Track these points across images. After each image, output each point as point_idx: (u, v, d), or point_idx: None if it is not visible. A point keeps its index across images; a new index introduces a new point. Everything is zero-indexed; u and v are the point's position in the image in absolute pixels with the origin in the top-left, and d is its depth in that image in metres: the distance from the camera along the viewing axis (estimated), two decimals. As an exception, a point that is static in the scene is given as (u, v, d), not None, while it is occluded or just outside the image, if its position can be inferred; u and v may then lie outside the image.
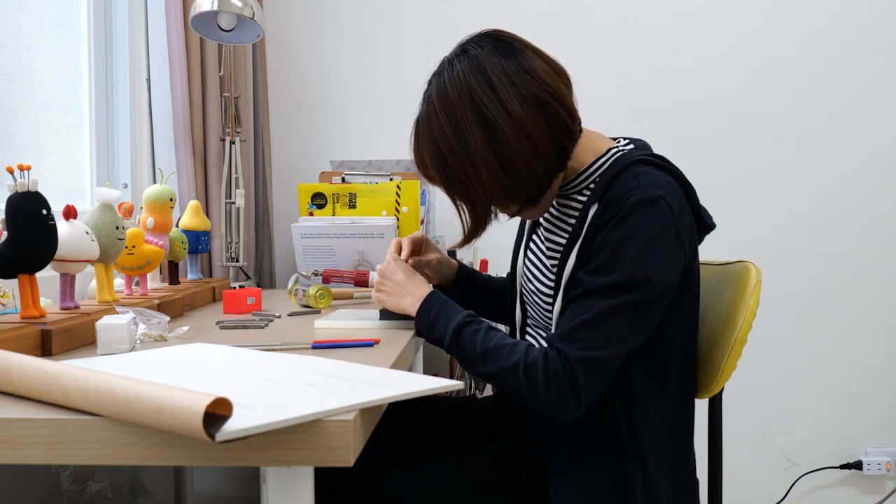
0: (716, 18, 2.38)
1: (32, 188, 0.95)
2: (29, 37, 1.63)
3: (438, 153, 1.07)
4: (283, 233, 2.37)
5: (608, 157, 1.11)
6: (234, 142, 1.99)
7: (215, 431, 0.58)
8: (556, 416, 1.00)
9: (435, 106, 1.06)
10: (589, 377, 0.98)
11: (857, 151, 2.37)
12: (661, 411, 1.09)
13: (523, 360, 1.00)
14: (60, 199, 1.68)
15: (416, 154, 1.12)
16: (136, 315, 1.04)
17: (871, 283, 2.38)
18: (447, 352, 1.08)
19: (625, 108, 2.38)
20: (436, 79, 1.09)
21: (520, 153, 1.03)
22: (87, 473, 1.50)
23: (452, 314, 1.09)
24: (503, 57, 1.04)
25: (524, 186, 1.07)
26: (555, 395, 0.98)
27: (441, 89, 1.06)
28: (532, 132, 1.03)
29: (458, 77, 1.05)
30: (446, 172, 1.08)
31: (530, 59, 1.05)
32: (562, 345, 0.99)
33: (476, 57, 1.05)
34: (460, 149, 1.04)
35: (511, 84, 1.03)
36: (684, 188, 1.08)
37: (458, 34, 1.13)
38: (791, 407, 2.41)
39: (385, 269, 1.20)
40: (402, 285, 1.17)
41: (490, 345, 1.03)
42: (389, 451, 1.27)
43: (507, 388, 1.02)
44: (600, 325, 0.99)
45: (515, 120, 1.02)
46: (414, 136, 1.12)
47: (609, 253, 1.00)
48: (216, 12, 1.79)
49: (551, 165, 1.07)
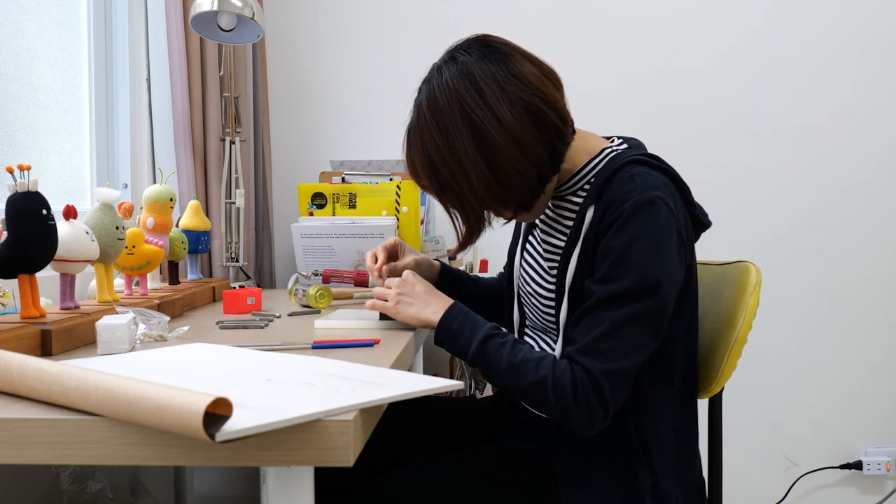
0: (716, 19, 2.37)
1: (32, 188, 0.95)
2: (29, 37, 1.63)
3: (430, 162, 1.07)
4: (283, 233, 2.37)
5: (602, 157, 1.11)
6: (234, 142, 1.99)
7: (215, 431, 0.58)
8: (584, 430, 1.00)
9: (425, 115, 1.06)
10: (614, 389, 0.98)
11: (857, 151, 2.36)
12: (667, 413, 1.09)
13: (552, 375, 1.00)
14: (60, 199, 1.68)
15: (408, 162, 1.11)
16: (136, 315, 1.04)
17: (872, 282, 2.38)
18: (470, 364, 1.08)
19: (625, 109, 2.38)
20: (425, 86, 1.08)
21: (510, 160, 1.03)
22: (87, 473, 1.50)
23: (478, 326, 1.08)
24: (492, 63, 1.04)
25: (516, 192, 1.06)
26: (583, 409, 0.98)
27: (430, 97, 1.06)
28: (522, 138, 1.02)
29: (446, 84, 1.04)
30: (438, 181, 1.08)
31: (519, 64, 1.04)
32: (583, 359, 0.99)
33: (465, 63, 1.04)
34: (451, 157, 1.04)
35: (500, 90, 1.02)
36: (678, 187, 1.08)
37: (459, 34, 1.12)
38: (791, 407, 2.41)
39: (403, 283, 1.17)
40: (423, 297, 1.15)
41: (517, 358, 1.03)
42: (389, 451, 1.27)
43: (535, 402, 1.03)
44: (617, 335, 0.98)
45: (505, 126, 1.01)
46: (406, 144, 1.11)
47: (615, 259, 1.00)
48: (216, 12, 1.79)
49: (543, 170, 1.07)
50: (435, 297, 1.15)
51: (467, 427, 1.34)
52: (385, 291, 1.18)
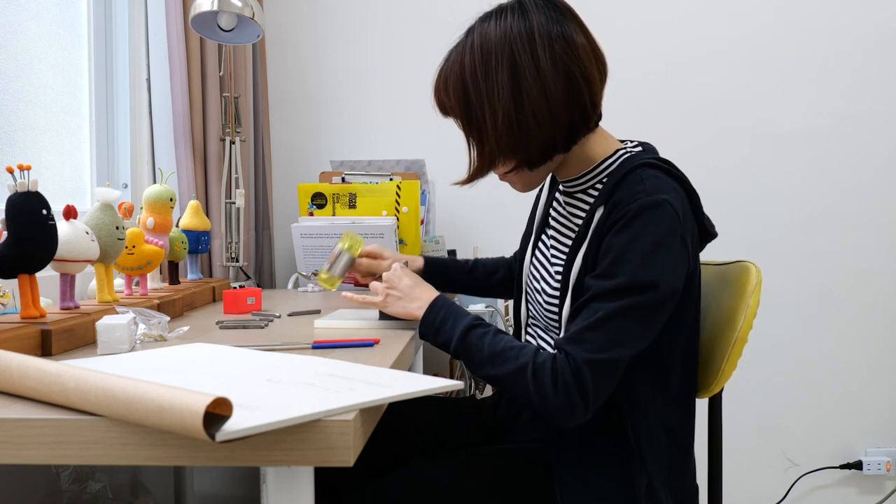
0: (716, 19, 2.37)
1: (32, 188, 0.95)
2: (29, 37, 1.63)
3: (462, 83, 1.09)
4: (283, 233, 2.37)
5: (616, 158, 1.12)
6: (234, 142, 1.99)
7: (215, 431, 0.58)
8: (564, 420, 1.00)
9: (475, 42, 1.09)
10: (596, 379, 0.98)
11: (857, 152, 2.36)
12: (661, 417, 1.09)
13: (532, 363, 1.00)
14: (60, 199, 1.68)
15: (439, 78, 1.14)
16: (136, 315, 1.04)
17: (872, 283, 2.38)
18: (453, 355, 1.08)
19: (624, 109, 2.37)
20: (484, 20, 1.11)
21: (536, 109, 1.05)
22: (87, 473, 1.50)
23: (460, 317, 1.09)
24: (552, 22, 1.07)
25: (529, 144, 1.08)
26: (562, 397, 0.98)
27: (485, 30, 1.09)
28: (553, 97, 1.05)
29: (505, 23, 1.08)
30: (466, 103, 1.10)
31: (575, 33, 1.08)
32: (569, 347, 1.00)
33: (528, 12, 1.08)
34: (485, 85, 1.07)
35: (549, 46, 1.05)
36: (689, 194, 1.08)
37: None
38: (791, 407, 2.41)
39: (391, 277, 1.20)
40: (409, 290, 1.17)
41: (498, 347, 1.03)
42: (389, 451, 1.27)
43: (514, 390, 1.02)
44: (606, 327, 0.99)
45: (542, 79, 1.04)
46: (444, 61, 1.14)
47: (614, 256, 1.00)
48: (216, 12, 1.79)
49: (558, 137, 1.08)
50: (420, 291, 1.16)
51: (467, 427, 1.34)
52: (375, 286, 1.21)
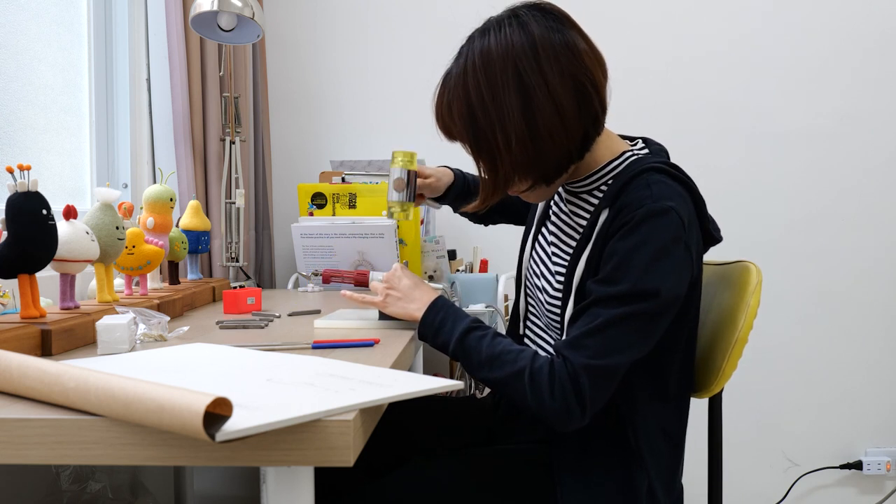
0: (715, 19, 2.37)
1: (32, 188, 0.95)
2: (29, 37, 1.63)
3: (470, 110, 1.05)
4: (283, 233, 2.36)
5: (622, 159, 1.11)
6: (234, 142, 1.99)
7: (215, 431, 0.58)
8: (560, 424, 0.99)
9: (475, 62, 1.05)
10: (594, 385, 0.97)
11: (856, 152, 2.36)
12: (659, 421, 1.09)
13: (529, 367, 0.99)
14: (60, 199, 1.68)
15: (440, 106, 1.10)
16: (136, 315, 1.04)
17: (872, 283, 2.38)
18: (451, 356, 1.08)
19: (624, 109, 2.35)
20: (479, 37, 1.07)
21: (550, 127, 1.02)
22: (87, 473, 1.50)
23: (459, 319, 1.08)
24: (552, 31, 1.04)
25: (545, 162, 1.05)
26: (559, 402, 0.97)
27: (485, 48, 1.05)
28: (565, 109, 1.02)
29: (505, 39, 1.04)
30: (474, 131, 1.06)
31: (576, 40, 1.05)
32: (567, 352, 0.99)
33: (527, 24, 1.04)
34: (494, 109, 1.03)
35: (555, 59, 1.02)
36: (695, 200, 1.07)
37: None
38: (791, 407, 2.41)
39: (391, 277, 1.19)
40: (409, 291, 1.16)
41: (496, 350, 1.03)
42: (389, 451, 1.27)
43: (512, 394, 1.02)
44: (606, 333, 0.98)
45: (552, 92, 1.02)
46: (442, 87, 1.10)
47: (617, 262, 1.00)
48: (216, 12, 1.79)
49: (574, 149, 1.06)
50: (420, 292, 1.15)
51: (467, 427, 1.34)
52: (375, 286, 1.20)
